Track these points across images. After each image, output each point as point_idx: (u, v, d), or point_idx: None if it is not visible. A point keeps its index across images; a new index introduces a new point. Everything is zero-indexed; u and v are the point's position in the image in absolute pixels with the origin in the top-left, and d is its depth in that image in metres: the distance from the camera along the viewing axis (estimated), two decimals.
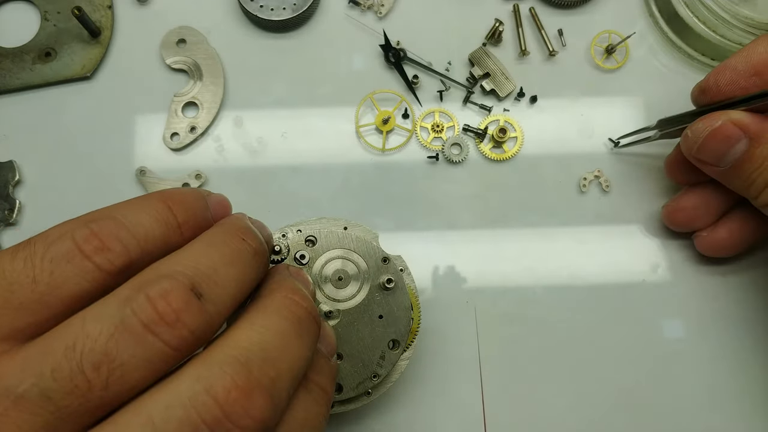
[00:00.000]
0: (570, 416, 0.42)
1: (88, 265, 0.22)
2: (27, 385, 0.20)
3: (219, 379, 0.22)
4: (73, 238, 0.23)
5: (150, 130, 0.48)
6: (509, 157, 0.47)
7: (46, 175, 0.46)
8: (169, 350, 0.22)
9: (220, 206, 0.28)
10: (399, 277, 0.36)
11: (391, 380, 0.37)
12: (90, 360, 0.20)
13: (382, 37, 0.49)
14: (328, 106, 0.48)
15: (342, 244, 0.36)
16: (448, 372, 0.43)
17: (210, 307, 0.23)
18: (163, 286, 0.22)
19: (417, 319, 0.38)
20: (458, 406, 0.42)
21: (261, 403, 0.22)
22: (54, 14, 0.49)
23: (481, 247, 0.46)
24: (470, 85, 0.49)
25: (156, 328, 0.21)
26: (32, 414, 0.20)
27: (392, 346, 0.35)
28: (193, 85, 0.48)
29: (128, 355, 0.21)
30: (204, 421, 0.21)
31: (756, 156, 0.35)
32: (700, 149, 0.37)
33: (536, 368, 0.43)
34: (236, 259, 0.25)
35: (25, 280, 0.22)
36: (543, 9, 0.50)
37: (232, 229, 0.27)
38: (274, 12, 0.48)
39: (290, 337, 0.25)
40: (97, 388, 0.21)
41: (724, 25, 0.46)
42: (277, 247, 0.34)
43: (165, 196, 0.26)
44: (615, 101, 0.49)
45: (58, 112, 0.48)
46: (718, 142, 0.36)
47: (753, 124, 0.35)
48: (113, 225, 0.23)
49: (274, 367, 0.23)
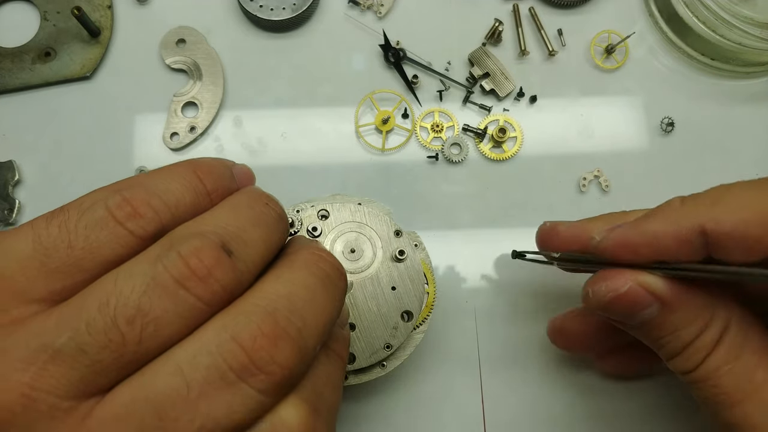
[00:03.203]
0: (570, 416, 0.42)
1: (121, 231, 0.23)
2: (63, 340, 0.21)
3: (245, 327, 0.22)
4: (106, 204, 0.23)
5: (149, 130, 0.48)
6: (509, 157, 0.47)
7: (46, 175, 0.46)
8: (202, 305, 0.22)
9: (244, 176, 0.29)
10: (411, 250, 0.36)
11: (406, 353, 0.37)
12: (123, 315, 0.21)
13: (382, 37, 0.49)
14: (328, 106, 0.48)
15: (354, 217, 0.36)
16: (448, 372, 0.43)
17: (240, 264, 0.23)
18: (194, 244, 0.22)
19: (432, 293, 0.38)
20: (458, 406, 0.42)
21: (287, 351, 0.22)
22: (54, 14, 0.49)
23: (481, 247, 0.46)
24: (470, 85, 0.49)
25: (188, 283, 0.22)
26: (69, 368, 0.20)
27: (405, 318, 0.36)
28: (192, 85, 0.48)
29: (161, 310, 0.21)
30: (231, 367, 0.21)
31: (668, 323, 0.30)
32: (603, 310, 0.31)
33: (536, 368, 0.43)
34: (262, 221, 0.26)
35: (61, 245, 0.22)
36: (543, 9, 0.50)
37: (255, 194, 0.27)
38: (273, 12, 0.48)
39: (317, 291, 0.25)
40: (130, 342, 0.21)
41: (724, 25, 0.46)
42: (291, 220, 0.35)
43: (194, 165, 0.26)
44: (615, 101, 0.49)
45: (57, 112, 0.48)
46: (623, 306, 0.30)
47: (665, 290, 0.29)
48: (145, 192, 0.24)
49: (301, 319, 0.23)
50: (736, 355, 0.29)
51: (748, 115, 0.49)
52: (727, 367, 0.29)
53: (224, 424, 0.21)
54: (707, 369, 0.29)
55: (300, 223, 0.36)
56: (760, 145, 0.48)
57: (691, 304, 0.29)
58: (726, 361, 0.29)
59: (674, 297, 0.29)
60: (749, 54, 0.47)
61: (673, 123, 0.48)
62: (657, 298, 0.29)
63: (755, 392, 0.28)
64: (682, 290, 0.29)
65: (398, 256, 0.36)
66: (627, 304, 0.30)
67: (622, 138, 0.48)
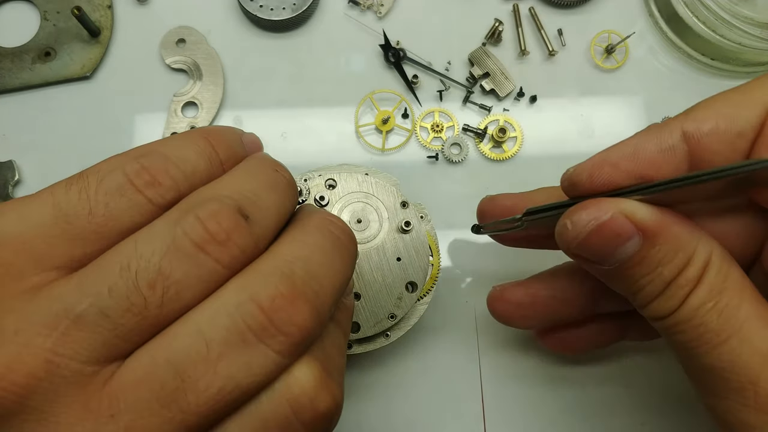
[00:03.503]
0: (570, 416, 0.42)
1: (140, 198, 0.23)
2: (86, 305, 0.21)
3: (263, 288, 0.22)
4: (124, 172, 0.23)
5: (149, 130, 0.48)
6: (509, 157, 0.47)
7: (46, 175, 0.46)
8: (221, 268, 0.22)
9: (253, 145, 0.29)
10: (417, 221, 0.36)
11: (409, 324, 0.37)
12: (145, 278, 0.21)
13: (382, 36, 0.49)
14: (328, 106, 0.48)
15: (362, 188, 0.37)
16: (448, 372, 0.43)
17: (256, 228, 0.24)
18: (212, 207, 0.23)
19: (437, 265, 0.38)
20: (458, 407, 0.42)
21: (305, 313, 0.22)
22: (54, 14, 0.49)
23: (480, 246, 0.46)
24: (470, 85, 0.49)
25: (207, 247, 0.22)
26: (91, 332, 0.21)
27: (410, 289, 0.36)
28: (192, 84, 0.48)
29: (181, 273, 0.21)
30: (249, 327, 0.21)
31: (649, 259, 0.27)
32: (581, 245, 0.28)
33: (536, 368, 0.43)
34: (274, 186, 0.26)
35: (82, 211, 0.22)
36: (543, 9, 0.50)
37: (266, 160, 0.28)
38: (273, 12, 0.48)
39: (331, 254, 0.25)
40: (152, 305, 0.21)
41: (724, 25, 0.46)
42: (298, 188, 0.35)
43: (207, 132, 0.27)
44: (615, 101, 0.49)
45: (57, 111, 0.48)
46: (604, 239, 0.27)
47: (650, 219, 0.27)
48: (162, 160, 0.24)
49: (317, 281, 0.23)
50: (719, 290, 0.27)
51: None
52: (711, 304, 0.26)
53: (244, 384, 0.21)
54: (690, 308, 0.27)
55: (308, 191, 0.36)
56: None
57: (674, 235, 0.27)
58: (709, 297, 0.26)
59: (657, 226, 0.27)
60: (749, 54, 0.47)
61: None
62: (640, 229, 0.27)
63: (740, 329, 0.26)
64: (666, 219, 0.27)
65: (404, 227, 0.36)
66: (608, 236, 0.27)
67: (622, 138, 0.48)
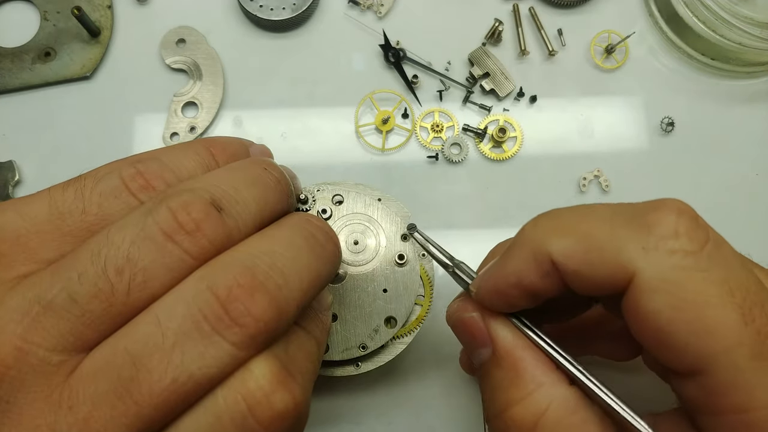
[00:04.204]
0: None
1: (133, 201, 0.24)
2: (56, 290, 0.21)
3: (222, 278, 0.22)
4: (120, 175, 0.24)
5: (149, 130, 0.48)
6: (509, 157, 0.47)
7: (46, 175, 0.46)
8: (189, 258, 0.22)
9: (262, 156, 0.29)
10: (415, 257, 0.35)
11: (382, 359, 0.36)
12: (113, 264, 0.21)
13: (382, 36, 0.49)
14: (328, 106, 0.48)
15: (367, 211, 0.36)
16: (448, 372, 0.43)
17: (230, 221, 0.24)
18: (183, 198, 0.23)
19: (426, 307, 0.37)
20: (458, 407, 0.42)
21: (263, 305, 0.22)
22: (54, 14, 0.49)
23: (480, 246, 0.46)
24: (470, 85, 0.49)
25: (176, 236, 0.22)
26: (60, 318, 0.21)
27: (389, 324, 0.35)
28: (192, 84, 0.48)
29: (149, 261, 0.22)
30: (205, 317, 0.21)
31: (492, 376, 0.27)
32: (452, 328, 0.30)
33: None
34: (257, 182, 0.26)
35: (75, 210, 0.23)
36: (543, 9, 0.50)
37: (255, 160, 0.27)
38: (273, 12, 0.48)
39: (302, 250, 0.25)
40: (119, 293, 0.21)
41: (724, 25, 0.46)
42: (303, 196, 0.35)
43: (209, 143, 0.27)
44: (615, 101, 0.49)
45: (57, 112, 0.48)
46: (463, 334, 0.29)
47: (503, 341, 0.27)
48: (158, 166, 0.25)
49: (281, 276, 0.23)
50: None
51: (748, 115, 0.49)
52: None
53: (197, 375, 0.21)
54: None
55: (314, 201, 0.35)
56: (760, 145, 0.48)
57: (516, 367, 0.27)
58: None
59: (504, 351, 0.27)
60: (749, 54, 0.47)
61: (673, 123, 0.48)
62: (491, 342, 0.27)
63: None
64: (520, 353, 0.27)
65: (398, 261, 0.35)
66: (467, 333, 0.28)
67: (622, 138, 0.48)
